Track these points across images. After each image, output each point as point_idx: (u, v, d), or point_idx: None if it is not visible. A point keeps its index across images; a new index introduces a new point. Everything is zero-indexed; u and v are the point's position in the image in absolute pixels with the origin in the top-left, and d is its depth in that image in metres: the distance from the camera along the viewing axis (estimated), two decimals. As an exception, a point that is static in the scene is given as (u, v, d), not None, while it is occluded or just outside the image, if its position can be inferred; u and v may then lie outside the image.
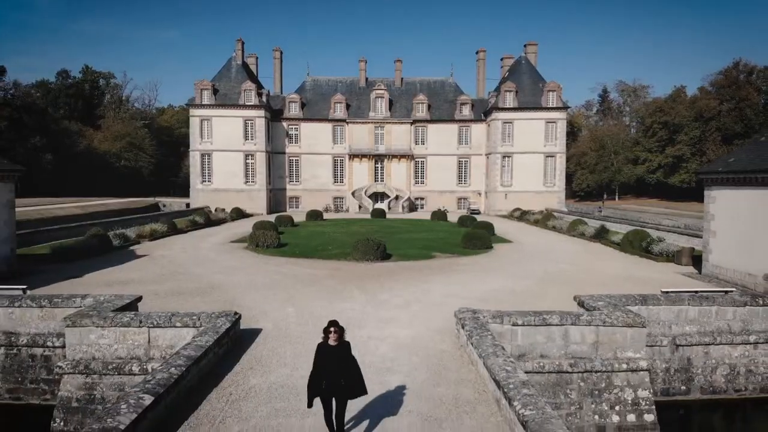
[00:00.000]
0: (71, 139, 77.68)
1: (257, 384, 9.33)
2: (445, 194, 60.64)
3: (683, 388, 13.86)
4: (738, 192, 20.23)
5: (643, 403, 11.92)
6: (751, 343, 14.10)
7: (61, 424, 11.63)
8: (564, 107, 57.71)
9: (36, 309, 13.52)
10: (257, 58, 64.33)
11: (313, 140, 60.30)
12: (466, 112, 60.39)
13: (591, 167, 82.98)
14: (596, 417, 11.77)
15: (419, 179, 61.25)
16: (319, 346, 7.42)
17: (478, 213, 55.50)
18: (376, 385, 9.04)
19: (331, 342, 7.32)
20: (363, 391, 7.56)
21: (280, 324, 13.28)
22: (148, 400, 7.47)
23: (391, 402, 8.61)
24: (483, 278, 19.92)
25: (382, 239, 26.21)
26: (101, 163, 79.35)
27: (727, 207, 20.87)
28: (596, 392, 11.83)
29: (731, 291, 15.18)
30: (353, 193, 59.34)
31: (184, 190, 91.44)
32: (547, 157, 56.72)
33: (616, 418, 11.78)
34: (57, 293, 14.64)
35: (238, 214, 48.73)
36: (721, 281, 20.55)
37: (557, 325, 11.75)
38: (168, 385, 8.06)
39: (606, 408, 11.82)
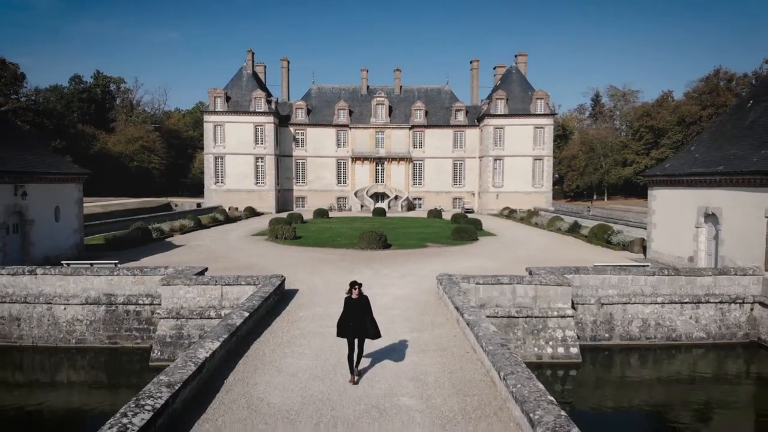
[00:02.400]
0: (86, 141, 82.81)
1: (304, 315, 14.48)
2: (441, 194, 65.80)
3: (606, 335, 18.98)
4: (670, 191, 25.41)
5: (569, 340, 17.05)
6: (659, 303, 19.21)
7: (159, 354, 16.71)
8: (551, 114, 62.93)
9: (130, 276, 18.63)
10: (265, 66, 69.42)
11: (318, 144, 65.50)
12: (461, 118, 65.59)
13: (581, 169, 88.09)
14: (536, 349, 16.89)
15: (417, 180, 66.43)
16: (345, 299, 10.01)
17: (472, 212, 60.57)
18: (382, 316, 14.10)
19: (354, 296, 9.87)
20: (378, 335, 10.00)
21: (311, 286, 18.45)
22: (246, 314, 12.61)
23: (391, 323, 13.71)
24: (464, 260, 25.08)
25: (383, 232, 31.31)
26: (114, 164, 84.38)
27: (663, 204, 26.04)
28: (535, 331, 16.95)
29: (646, 266, 20.32)
30: (356, 194, 64.48)
31: (192, 190, 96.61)
32: (536, 160, 61.90)
33: (549, 350, 16.90)
34: (143, 265, 19.76)
35: (251, 212, 53.90)
36: (659, 264, 25.65)
37: (507, 283, 16.89)
38: (253, 309, 13.20)
39: (543, 343, 16.94)
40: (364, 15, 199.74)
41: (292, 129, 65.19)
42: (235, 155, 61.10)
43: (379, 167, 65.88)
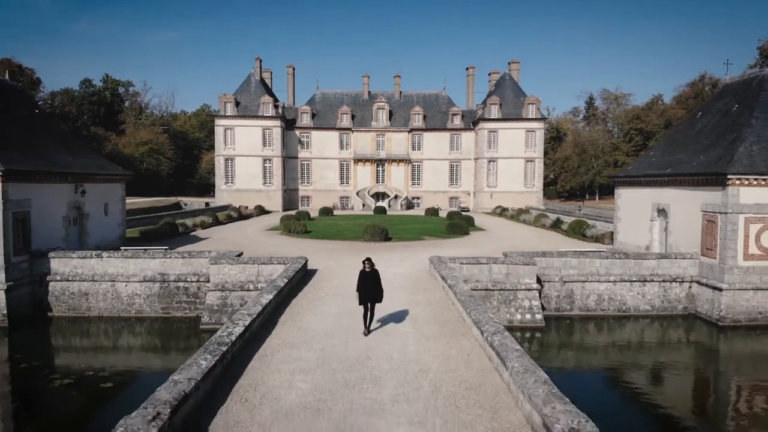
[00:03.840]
0: (99, 143, 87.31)
1: (326, 284, 19.02)
2: (439, 194, 70.35)
3: (568, 307, 23.48)
4: (630, 190, 29.97)
5: (535, 309, 21.54)
6: (611, 281, 23.71)
7: (208, 319, 21.15)
8: (542, 118, 67.51)
9: (180, 259, 23.12)
10: (271, 72, 73.98)
11: (322, 146, 70.09)
12: (457, 121, 70.16)
13: (574, 170, 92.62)
14: (507, 315, 21.37)
15: (416, 181, 71.00)
16: (360, 272, 13.08)
17: (467, 210, 65.05)
18: (386, 286, 18.48)
19: (367, 269, 12.96)
20: (381, 300, 13.29)
21: (327, 267, 22.98)
22: (286, 280, 17.14)
23: (393, 290, 18.20)
24: (455, 249, 29.59)
25: (384, 227, 35.79)
26: (124, 165, 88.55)
27: (627, 201, 30.58)
28: (508, 301, 21.45)
29: (602, 251, 24.85)
30: (357, 193, 69.02)
31: (199, 189, 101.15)
32: (527, 161, 66.48)
33: (518, 316, 21.39)
34: (190, 250, 24.26)
35: (261, 210, 58.46)
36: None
37: (485, 263, 21.41)
38: (289, 277, 17.74)
39: (513, 311, 21.43)
40: (365, 24, 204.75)
41: (297, 132, 69.75)
42: (245, 157, 65.61)
43: (380, 168, 70.43)
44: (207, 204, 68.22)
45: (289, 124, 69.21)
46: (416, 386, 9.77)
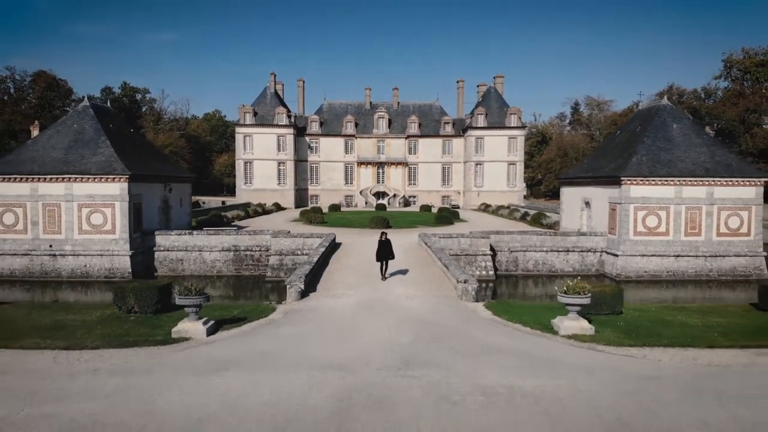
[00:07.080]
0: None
1: (351, 249, 30.73)
2: (432, 193, 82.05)
3: (514, 269, 35.13)
4: (570, 188, 41.71)
5: (488, 268, 33.20)
6: (544, 251, 35.38)
7: (270, 273, 32.71)
8: (522, 126, 79.35)
9: (247, 235, 34.73)
10: (283, 85, 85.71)
11: (329, 151, 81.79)
12: (449, 129, 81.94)
13: (557, 171, 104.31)
14: (470, 272, 32.98)
15: (412, 181, 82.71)
16: (378, 240, 23.57)
17: (458, 207, 76.63)
18: (389, 248, 30.37)
19: (383, 238, 23.29)
20: (393, 257, 26.11)
21: (348, 242, 34.66)
22: (327, 243, 28.81)
23: (395, 252, 29.83)
24: (439, 232, 41.27)
25: (386, 218, 47.39)
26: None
27: (567, 196, 42.32)
28: (470, 262, 33.08)
29: (539, 230, 36.52)
30: (360, 192, 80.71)
31: (213, 189, 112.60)
32: (510, 164, 78.26)
33: (478, 273, 32.98)
34: (253, 230, 35.98)
35: (278, 207, 70.16)
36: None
37: (455, 238, 33.09)
38: (329, 243, 29.40)
39: (474, 269, 33.06)
40: (367, 39, 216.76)
41: (307, 138, 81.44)
42: (262, 161, 77.26)
43: (380, 170, 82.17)
44: (223, 202, 79.29)
45: (300, 131, 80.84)
46: (406, 279, 21.57)
